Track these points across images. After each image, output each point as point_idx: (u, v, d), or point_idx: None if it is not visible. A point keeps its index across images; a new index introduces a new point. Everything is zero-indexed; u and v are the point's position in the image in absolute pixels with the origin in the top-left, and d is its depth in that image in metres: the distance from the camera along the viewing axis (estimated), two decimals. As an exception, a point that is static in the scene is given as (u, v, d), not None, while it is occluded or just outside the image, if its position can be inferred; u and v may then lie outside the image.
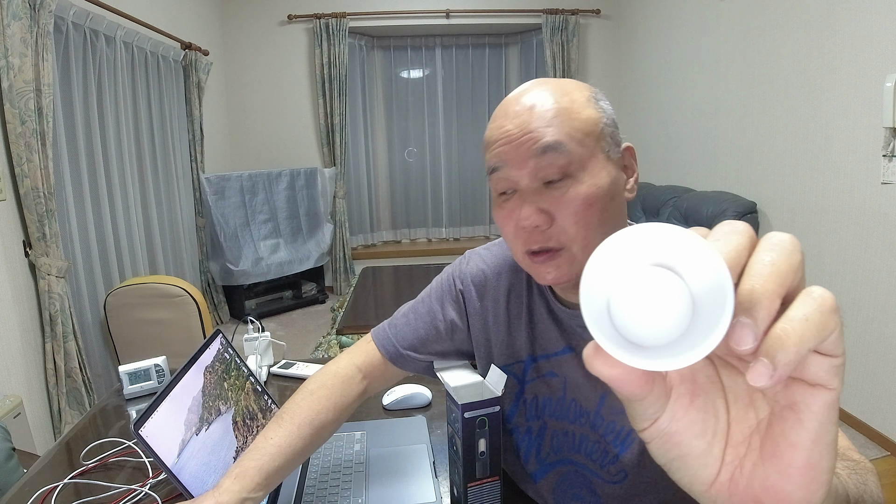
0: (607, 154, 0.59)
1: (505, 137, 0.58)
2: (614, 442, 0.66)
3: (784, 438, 0.25)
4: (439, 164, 4.70)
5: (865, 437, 2.12)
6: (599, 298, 0.25)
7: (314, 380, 0.78)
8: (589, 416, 0.68)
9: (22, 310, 1.94)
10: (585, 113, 0.59)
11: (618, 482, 0.66)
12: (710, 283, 0.22)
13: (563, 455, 0.71)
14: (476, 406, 0.68)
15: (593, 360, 0.25)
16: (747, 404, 0.27)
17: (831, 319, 0.22)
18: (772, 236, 0.24)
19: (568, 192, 0.57)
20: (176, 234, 3.30)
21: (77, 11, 2.28)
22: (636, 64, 4.05)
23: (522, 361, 0.73)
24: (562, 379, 0.70)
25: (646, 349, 0.24)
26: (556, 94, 0.59)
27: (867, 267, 2.08)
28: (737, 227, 0.25)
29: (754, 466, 0.26)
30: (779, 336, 0.21)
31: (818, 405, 0.24)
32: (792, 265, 0.23)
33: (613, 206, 0.59)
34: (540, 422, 0.73)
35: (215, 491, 0.61)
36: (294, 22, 4.12)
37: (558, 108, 0.58)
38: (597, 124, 0.59)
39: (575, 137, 0.57)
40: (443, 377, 0.75)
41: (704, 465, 0.27)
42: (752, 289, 0.22)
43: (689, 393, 0.27)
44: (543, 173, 0.57)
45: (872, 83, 1.99)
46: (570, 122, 0.57)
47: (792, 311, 0.22)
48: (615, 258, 0.25)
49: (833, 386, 0.23)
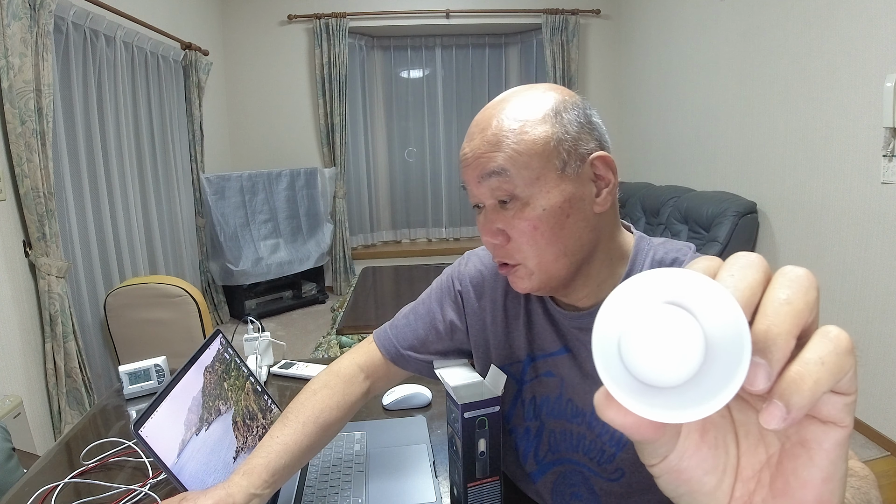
0: (561, 171, 0.59)
1: (463, 160, 0.63)
2: (610, 442, 0.66)
3: (795, 476, 0.24)
4: (439, 164, 4.70)
5: (865, 437, 2.12)
6: (611, 341, 0.24)
7: (317, 380, 0.79)
8: (585, 415, 0.68)
9: (22, 310, 1.94)
10: (535, 133, 0.59)
11: (615, 480, 0.67)
12: (724, 326, 0.22)
13: (560, 454, 0.71)
14: (476, 406, 0.69)
15: (605, 409, 0.24)
16: (758, 440, 0.26)
17: (847, 361, 0.22)
18: (788, 271, 0.24)
19: (516, 214, 0.60)
20: (176, 234, 3.30)
21: (77, 11, 2.28)
22: (636, 64, 4.05)
23: (521, 362, 0.74)
24: (559, 379, 0.71)
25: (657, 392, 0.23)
26: (509, 114, 0.60)
27: (867, 267, 2.08)
28: (751, 259, 0.24)
29: (764, 502, 0.25)
30: (794, 379, 0.21)
31: (830, 443, 0.23)
32: (808, 303, 0.22)
33: (571, 223, 0.59)
34: (538, 422, 0.73)
35: (225, 484, 0.63)
36: (294, 22, 4.12)
37: (503, 133, 0.59)
38: (547, 143, 0.58)
39: (518, 161, 0.58)
40: (442, 377, 0.75)
41: (714, 500, 0.26)
42: (767, 329, 0.22)
43: (701, 430, 0.27)
44: (495, 195, 0.60)
45: (872, 83, 1.99)
46: (513, 147, 0.58)
47: (808, 353, 0.22)
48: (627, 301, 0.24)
49: (845, 423, 0.23)
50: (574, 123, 0.60)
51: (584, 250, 0.62)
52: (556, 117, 0.59)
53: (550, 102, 0.60)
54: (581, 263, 0.62)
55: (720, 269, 0.24)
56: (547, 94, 0.61)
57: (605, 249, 0.64)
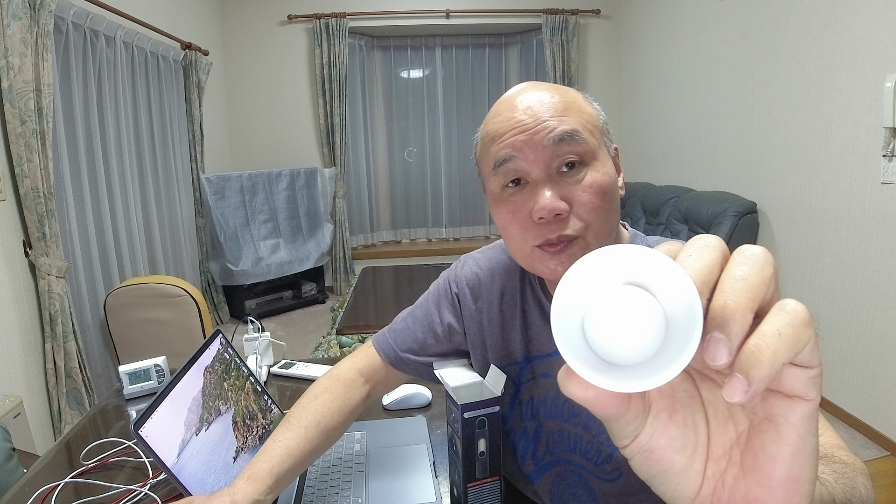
0: (608, 149, 0.63)
1: (518, 127, 0.58)
2: (607, 442, 0.67)
3: (763, 451, 0.25)
4: (439, 164, 4.70)
5: (865, 437, 2.12)
6: (573, 318, 0.25)
7: (318, 384, 0.79)
8: (581, 416, 0.69)
9: (22, 310, 1.94)
10: (589, 108, 0.62)
11: (613, 480, 0.67)
12: (680, 302, 0.23)
13: (558, 455, 0.72)
14: (476, 406, 0.69)
15: (567, 382, 0.25)
16: (727, 417, 0.27)
17: (805, 332, 0.22)
18: (744, 249, 0.24)
19: (584, 179, 0.57)
20: (176, 234, 3.30)
21: (77, 11, 2.28)
22: (636, 64, 4.05)
23: (518, 363, 0.74)
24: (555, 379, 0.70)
25: (621, 369, 0.24)
26: (558, 91, 0.61)
27: (867, 267, 2.08)
28: (709, 241, 0.25)
29: (735, 480, 0.26)
30: (752, 351, 0.22)
31: (796, 417, 0.24)
32: (764, 278, 0.23)
33: (615, 200, 0.61)
34: (535, 423, 0.73)
35: (230, 489, 0.63)
36: (294, 22, 4.12)
37: (567, 101, 0.60)
38: (598, 119, 0.62)
39: (587, 128, 0.59)
40: (442, 377, 0.75)
41: (686, 479, 0.27)
42: (724, 304, 0.22)
43: (669, 409, 0.27)
44: (559, 161, 0.57)
45: (872, 83, 1.99)
46: (580, 114, 0.60)
47: (765, 326, 0.22)
48: (588, 278, 0.25)
49: (811, 397, 0.23)
50: (602, 112, 0.65)
51: (613, 234, 0.61)
52: (591, 104, 0.64)
53: (578, 93, 0.64)
54: None
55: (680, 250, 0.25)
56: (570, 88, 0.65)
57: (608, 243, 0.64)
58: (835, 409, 2.27)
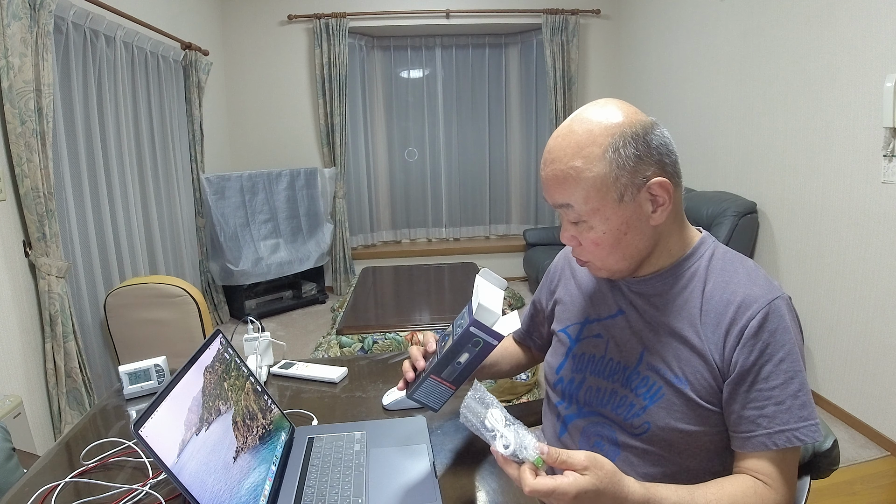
0: (619, 201, 0.70)
1: (542, 182, 0.76)
2: (645, 395, 0.76)
3: None
4: (439, 164, 4.70)
5: (865, 437, 2.12)
6: None
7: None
8: (625, 371, 0.79)
9: (22, 310, 1.94)
10: (595, 171, 0.69)
11: (640, 434, 0.76)
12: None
13: (593, 407, 0.83)
14: (483, 328, 0.74)
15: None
16: None
17: None
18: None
19: (581, 233, 0.75)
20: (176, 234, 3.30)
21: (77, 11, 2.28)
22: (636, 64, 4.05)
23: (579, 324, 0.88)
24: (605, 340, 0.83)
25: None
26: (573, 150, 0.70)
27: (867, 267, 2.08)
28: None
29: None
30: None
31: None
32: None
33: (629, 238, 0.73)
34: (581, 375, 0.85)
35: None
36: (294, 22, 4.12)
37: (569, 170, 0.70)
38: (606, 180, 0.69)
39: (580, 197, 0.70)
40: (478, 287, 0.79)
41: None
42: None
43: None
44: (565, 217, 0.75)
45: (872, 83, 1.99)
46: (575, 186, 0.70)
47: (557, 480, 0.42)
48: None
49: None
50: (631, 158, 0.69)
51: (643, 253, 0.76)
52: (615, 153, 0.69)
53: (610, 139, 0.69)
54: (642, 261, 0.77)
55: None
56: (611, 126, 0.70)
57: (665, 245, 0.77)
58: (835, 408, 2.27)
